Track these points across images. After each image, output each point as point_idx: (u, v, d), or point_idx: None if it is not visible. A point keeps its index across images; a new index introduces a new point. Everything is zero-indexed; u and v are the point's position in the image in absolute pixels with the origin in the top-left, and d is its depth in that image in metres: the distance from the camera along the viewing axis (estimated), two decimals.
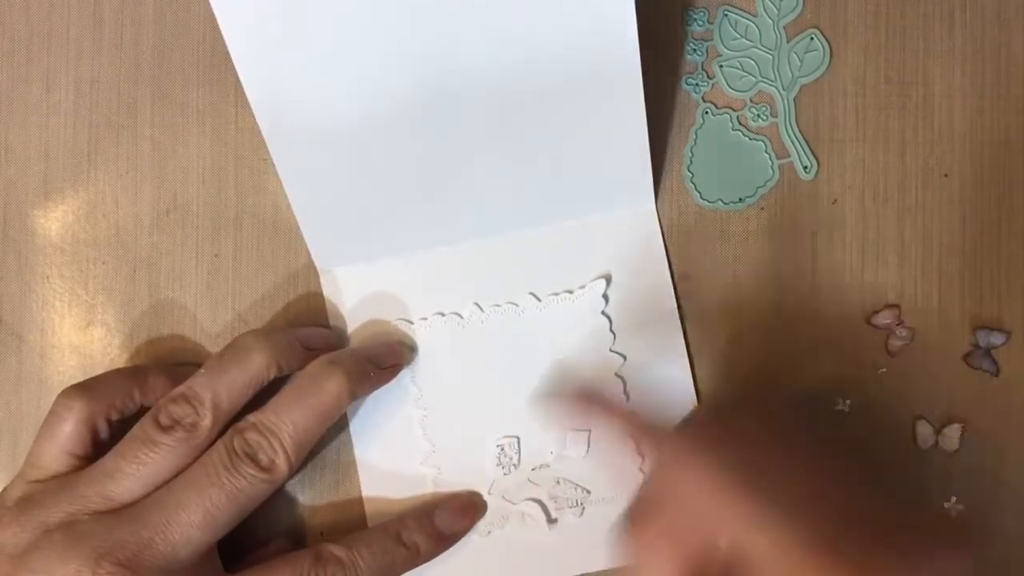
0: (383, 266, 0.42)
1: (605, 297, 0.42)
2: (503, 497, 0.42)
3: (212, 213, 0.43)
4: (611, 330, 0.42)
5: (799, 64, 0.43)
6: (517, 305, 0.42)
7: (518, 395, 0.42)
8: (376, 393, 0.41)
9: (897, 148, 0.43)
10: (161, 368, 0.41)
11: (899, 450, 0.42)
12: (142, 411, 0.39)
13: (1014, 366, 0.43)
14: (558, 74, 0.38)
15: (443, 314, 0.42)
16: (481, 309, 0.42)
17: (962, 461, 0.42)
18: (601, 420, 0.40)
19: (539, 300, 0.42)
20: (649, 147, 0.40)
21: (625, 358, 0.42)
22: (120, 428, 0.39)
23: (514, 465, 0.41)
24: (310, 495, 0.43)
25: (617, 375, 0.42)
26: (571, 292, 0.42)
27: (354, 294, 0.42)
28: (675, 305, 0.42)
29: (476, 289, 0.42)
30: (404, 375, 0.42)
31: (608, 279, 0.42)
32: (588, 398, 0.40)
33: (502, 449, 0.42)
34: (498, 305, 0.42)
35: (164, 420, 0.37)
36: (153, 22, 0.44)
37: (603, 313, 0.42)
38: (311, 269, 0.43)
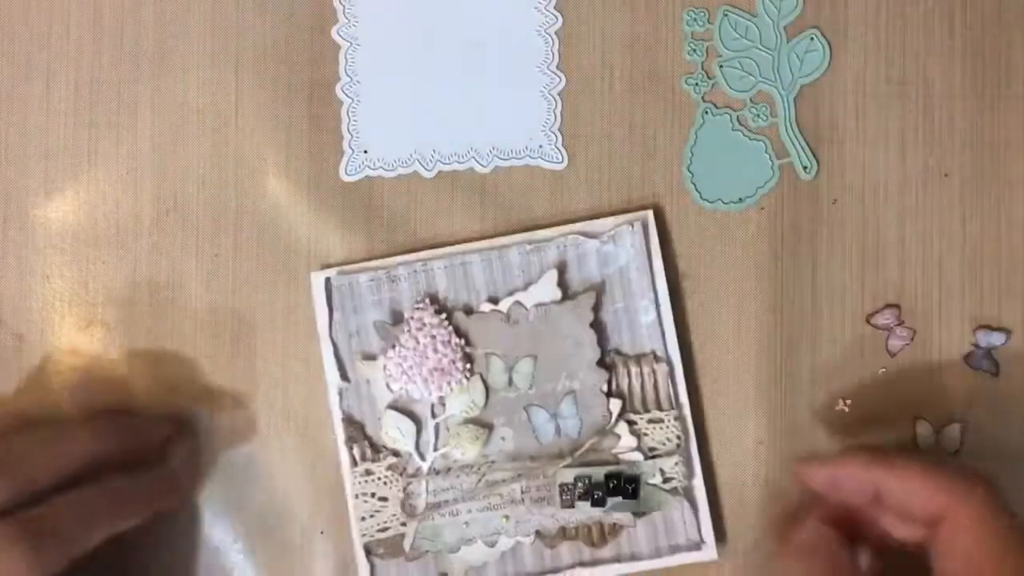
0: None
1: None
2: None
3: (212, 213, 0.43)
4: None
5: (799, 64, 0.43)
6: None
7: None
8: None
9: (897, 148, 0.43)
10: (83, 425, 0.40)
11: (899, 450, 0.42)
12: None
13: (1014, 366, 0.43)
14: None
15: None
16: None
17: (962, 461, 0.42)
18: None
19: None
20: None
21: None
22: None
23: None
24: None
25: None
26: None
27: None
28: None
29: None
30: None
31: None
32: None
33: None
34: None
35: None
36: (153, 22, 0.44)
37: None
38: (311, 269, 0.43)
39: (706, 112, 0.43)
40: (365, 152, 0.43)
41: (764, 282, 0.43)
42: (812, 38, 0.43)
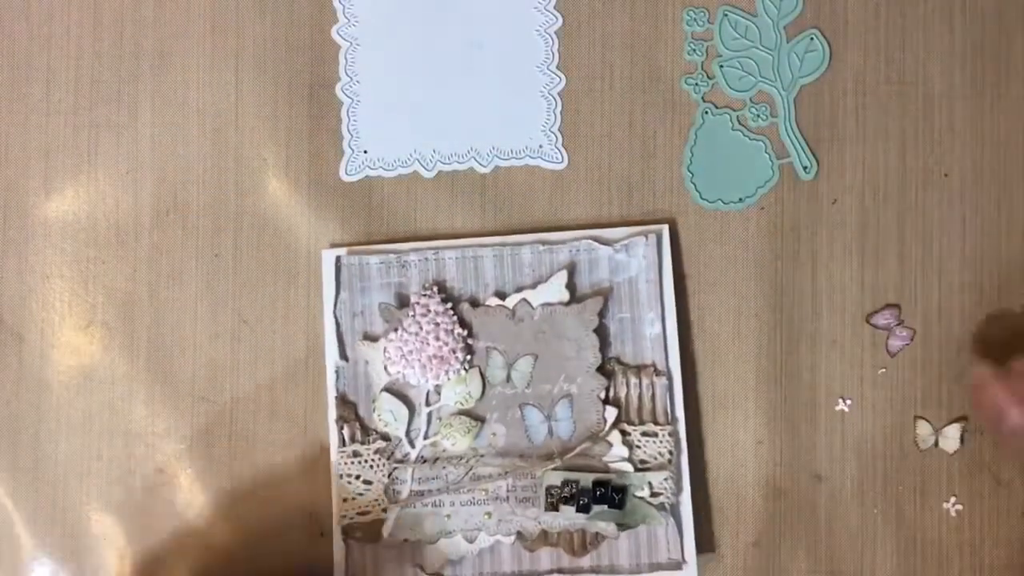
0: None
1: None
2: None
3: (212, 213, 0.43)
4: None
5: (799, 64, 0.43)
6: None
7: None
8: None
9: (897, 148, 0.43)
10: None
11: (899, 450, 0.42)
12: None
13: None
14: None
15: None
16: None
17: (962, 461, 0.42)
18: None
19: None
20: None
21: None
22: None
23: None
24: None
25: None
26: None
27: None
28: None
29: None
30: None
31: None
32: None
33: None
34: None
35: None
36: (153, 22, 0.44)
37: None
38: (311, 269, 0.43)
39: (706, 112, 0.43)
40: (365, 152, 0.43)
41: (764, 282, 0.43)
42: (812, 38, 0.43)
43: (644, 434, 0.42)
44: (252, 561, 0.42)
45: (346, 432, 0.42)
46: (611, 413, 0.41)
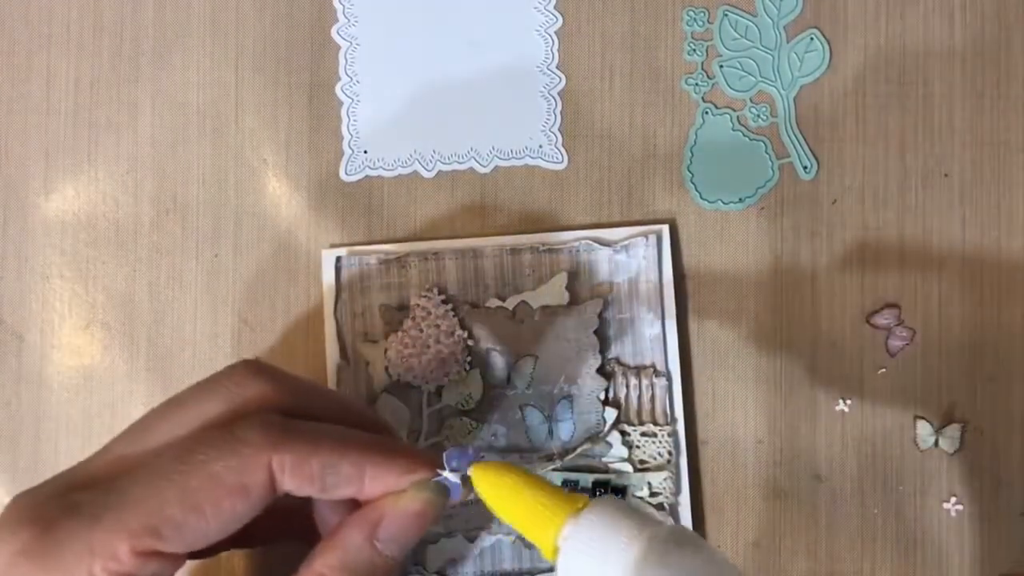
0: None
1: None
2: None
3: (212, 213, 0.43)
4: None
5: (799, 64, 0.43)
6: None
7: None
8: None
9: (897, 148, 0.43)
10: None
11: (899, 450, 0.42)
12: None
13: (1014, 366, 0.43)
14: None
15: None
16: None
17: (962, 461, 0.42)
18: None
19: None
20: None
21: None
22: None
23: None
24: None
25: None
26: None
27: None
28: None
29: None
30: None
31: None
32: None
33: None
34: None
35: None
36: (153, 22, 0.44)
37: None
38: (311, 269, 0.43)
39: (706, 112, 0.43)
40: (365, 152, 0.43)
41: (764, 282, 0.43)
42: (812, 38, 0.43)
43: (644, 434, 0.42)
44: (252, 558, 0.42)
45: None
46: (611, 414, 0.41)
